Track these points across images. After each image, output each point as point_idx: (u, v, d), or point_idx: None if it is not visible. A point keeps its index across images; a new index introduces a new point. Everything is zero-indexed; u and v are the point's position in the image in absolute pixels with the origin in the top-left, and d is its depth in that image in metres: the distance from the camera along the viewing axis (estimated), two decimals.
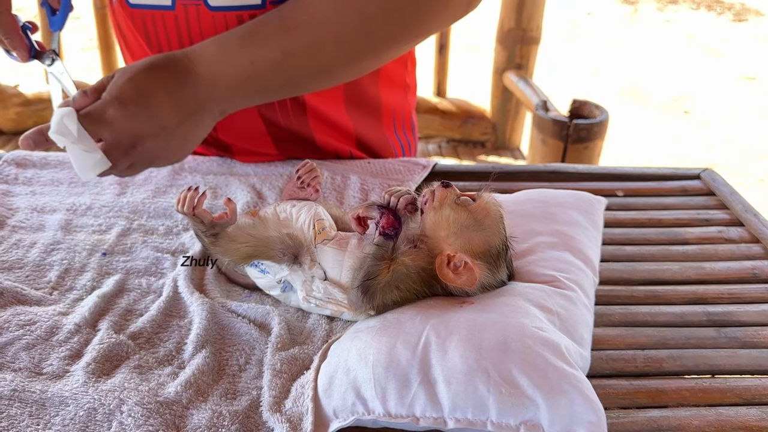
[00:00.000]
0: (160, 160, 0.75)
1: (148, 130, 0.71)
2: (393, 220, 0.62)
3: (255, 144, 0.97)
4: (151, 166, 0.75)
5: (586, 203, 0.81)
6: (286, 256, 0.65)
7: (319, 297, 0.65)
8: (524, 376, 0.52)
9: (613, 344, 0.66)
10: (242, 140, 0.97)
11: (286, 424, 0.54)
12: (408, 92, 1.08)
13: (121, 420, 0.54)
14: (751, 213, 0.89)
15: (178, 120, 0.72)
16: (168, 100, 0.71)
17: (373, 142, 1.04)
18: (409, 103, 1.10)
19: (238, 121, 0.93)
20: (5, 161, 0.95)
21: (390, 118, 1.05)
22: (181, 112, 0.73)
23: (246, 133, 0.96)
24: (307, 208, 0.69)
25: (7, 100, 3.06)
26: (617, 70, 4.79)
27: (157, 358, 0.62)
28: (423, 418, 0.53)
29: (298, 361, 0.62)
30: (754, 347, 0.67)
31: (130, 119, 0.69)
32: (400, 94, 1.05)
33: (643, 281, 0.77)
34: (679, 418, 0.57)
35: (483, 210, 0.63)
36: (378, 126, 1.04)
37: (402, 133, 1.09)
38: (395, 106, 1.05)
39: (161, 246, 0.79)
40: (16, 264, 0.74)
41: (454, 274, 0.61)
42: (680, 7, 6.44)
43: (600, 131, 2.37)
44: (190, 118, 0.74)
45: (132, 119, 0.69)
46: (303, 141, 0.98)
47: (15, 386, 0.57)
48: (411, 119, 1.12)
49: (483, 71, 3.75)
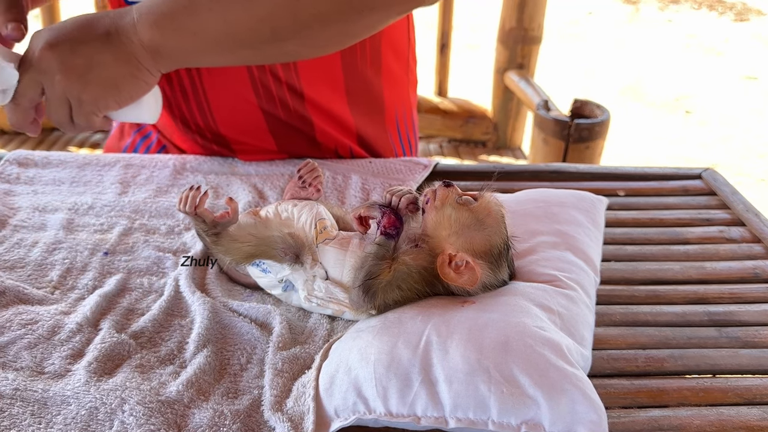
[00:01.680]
0: (89, 93, 0.74)
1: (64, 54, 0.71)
2: (394, 219, 0.62)
3: (255, 138, 0.97)
4: (84, 106, 0.75)
5: (588, 203, 0.81)
6: (288, 255, 0.65)
7: (321, 296, 0.65)
8: (525, 376, 0.52)
9: (614, 344, 0.67)
10: (242, 134, 0.97)
11: (288, 424, 0.54)
12: (410, 89, 1.08)
13: (122, 419, 0.54)
14: (753, 213, 0.89)
15: (95, 48, 0.72)
16: (85, 26, 0.73)
17: (373, 138, 1.04)
18: (411, 101, 1.10)
19: (238, 115, 0.93)
20: (7, 161, 0.95)
21: (392, 114, 1.05)
22: (93, 33, 0.72)
23: (246, 127, 0.96)
24: (308, 208, 0.69)
25: None
26: (618, 70, 4.78)
27: (158, 357, 0.62)
28: (424, 418, 0.53)
29: (300, 360, 0.62)
30: (755, 347, 0.67)
31: (53, 49, 0.71)
32: (402, 91, 1.06)
33: (645, 281, 0.77)
34: (680, 417, 0.57)
35: (484, 209, 0.63)
36: (380, 122, 1.04)
37: (404, 130, 1.10)
38: (397, 102, 1.05)
39: (163, 245, 0.79)
40: (17, 263, 0.75)
41: (455, 273, 0.61)
42: (681, 6, 6.43)
43: (601, 131, 2.37)
44: (105, 46, 0.72)
45: (53, 49, 0.71)
46: (303, 136, 0.98)
47: (17, 385, 0.57)
48: (412, 116, 1.12)
49: (484, 71, 3.75)
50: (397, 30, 1.01)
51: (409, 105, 1.10)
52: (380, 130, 1.05)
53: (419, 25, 1.18)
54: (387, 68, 1.00)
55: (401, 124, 1.09)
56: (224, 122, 0.96)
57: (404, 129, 1.10)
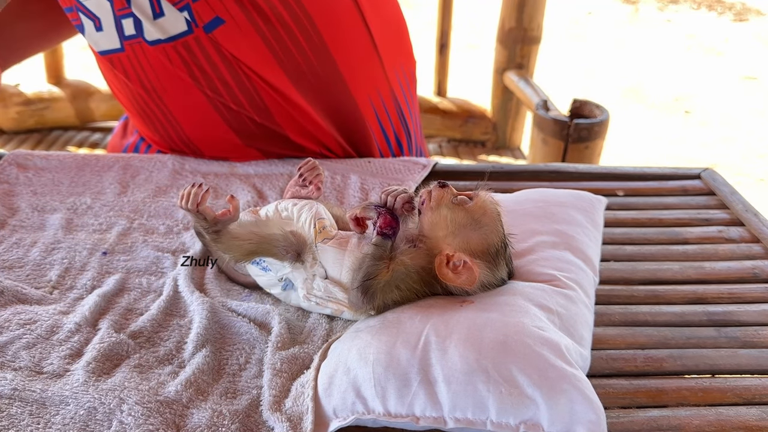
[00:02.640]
0: None
1: None
2: (390, 219, 0.62)
3: (225, 150, 1.00)
4: None
5: (587, 203, 0.81)
6: (289, 253, 0.65)
7: (320, 295, 0.65)
8: (524, 376, 0.52)
9: (613, 344, 0.66)
10: (212, 147, 1.00)
11: (286, 424, 0.54)
12: (388, 64, 1.03)
13: (121, 419, 0.54)
14: (752, 213, 0.89)
15: None
16: None
17: (350, 131, 1.03)
18: (392, 78, 1.05)
19: (205, 126, 0.96)
20: (6, 161, 0.95)
21: (366, 99, 1.01)
22: None
23: (214, 139, 0.99)
24: (308, 207, 0.69)
25: (7, 99, 3.05)
26: (618, 70, 4.78)
27: (157, 357, 0.62)
28: (423, 418, 0.53)
29: (298, 360, 0.62)
30: (754, 347, 0.67)
31: None
32: (372, 70, 1.01)
33: (644, 281, 0.77)
34: (679, 417, 0.57)
35: (480, 209, 0.63)
36: (352, 110, 1.01)
37: (392, 113, 1.06)
38: (368, 83, 1.01)
39: (161, 245, 0.79)
40: (16, 263, 0.74)
41: (453, 273, 0.61)
42: (681, 6, 6.43)
43: (600, 131, 2.37)
44: None
45: None
46: (278, 141, 0.99)
47: (15, 385, 0.57)
48: (396, 98, 1.07)
49: (483, 71, 3.74)
50: (336, 3, 0.96)
51: (388, 84, 1.04)
52: (355, 119, 1.01)
53: (418, 24, 1.18)
54: (338, 50, 0.96)
55: (384, 107, 1.04)
56: (195, 135, 0.99)
57: (392, 111, 1.05)
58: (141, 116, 1.01)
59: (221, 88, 0.93)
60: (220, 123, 0.96)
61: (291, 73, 0.94)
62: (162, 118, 0.98)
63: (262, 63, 0.92)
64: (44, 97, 3.09)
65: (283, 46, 0.92)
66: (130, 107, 1.02)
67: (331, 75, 0.97)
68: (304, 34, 0.93)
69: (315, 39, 0.94)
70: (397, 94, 1.08)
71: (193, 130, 0.98)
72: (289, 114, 0.96)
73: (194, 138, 0.99)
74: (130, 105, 1.01)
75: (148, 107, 0.98)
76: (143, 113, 1.00)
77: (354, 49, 0.99)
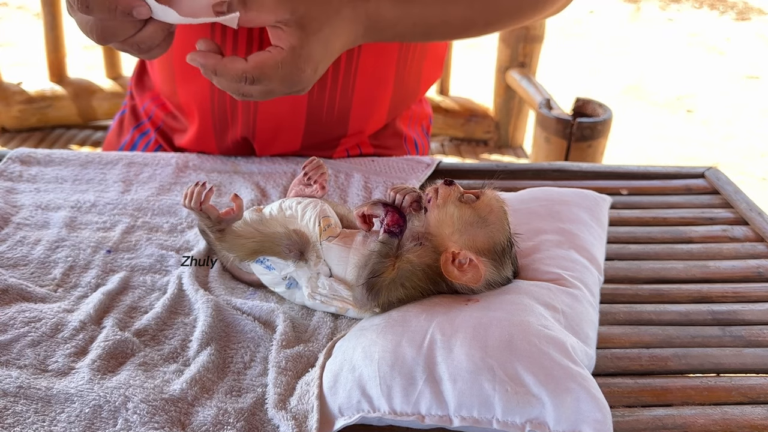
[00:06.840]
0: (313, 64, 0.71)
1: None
2: (398, 217, 0.62)
3: (284, 136, 0.98)
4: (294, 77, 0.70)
5: (591, 201, 0.81)
6: (293, 252, 0.65)
7: (324, 294, 0.65)
8: (530, 375, 0.52)
9: (618, 343, 0.66)
10: (275, 131, 0.97)
11: (292, 422, 0.54)
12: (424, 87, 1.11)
13: (126, 417, 0.54)
14: (756, 212, 0.89)
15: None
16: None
17: (393, 138, 1.08)
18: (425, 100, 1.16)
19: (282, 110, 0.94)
20: (9, 159, 0.95)
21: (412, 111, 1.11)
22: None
23: (283, 123, 0.96)
24: (312, 205, 0.69)
25: (10, 98, 3.05)
26: (620, 69, 4.78)
27: (162, 355, 0.62)
28: (428, 416, 0.53)
29: (303, 358, 0.62)
30: (759, 346, 0.67)
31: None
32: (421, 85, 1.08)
33: (648, 280, 0.77)
34: (684, 416, 0.57)
35: (486, 207, 0.63)
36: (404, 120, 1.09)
37: (419, 128, 1.15)
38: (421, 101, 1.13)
39: (166, 243, 0.79)
40: (20, 261, 0.74)
41: (459, 271, 0.61)
42: (683, 5, 6.42)
43: (603, 130, 2.36)
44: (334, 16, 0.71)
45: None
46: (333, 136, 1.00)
47: (20, 383, 0.57)
48: (427, 117, 1.20)
49: (486, 70, 3.74)
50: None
51: (425, 108, 1.18)
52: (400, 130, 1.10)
53: None
54: (427, 74, 1.07)
55: (418, 124, 1.16)
56: (264, 116, 0.94)
57: (418, 128, 1.16)
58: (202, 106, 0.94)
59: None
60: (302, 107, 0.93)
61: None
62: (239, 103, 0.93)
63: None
64: (47, 96, 3.09)
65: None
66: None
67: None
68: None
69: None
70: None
71: (265, 118, 0.94)
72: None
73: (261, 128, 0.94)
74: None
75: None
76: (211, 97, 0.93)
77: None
